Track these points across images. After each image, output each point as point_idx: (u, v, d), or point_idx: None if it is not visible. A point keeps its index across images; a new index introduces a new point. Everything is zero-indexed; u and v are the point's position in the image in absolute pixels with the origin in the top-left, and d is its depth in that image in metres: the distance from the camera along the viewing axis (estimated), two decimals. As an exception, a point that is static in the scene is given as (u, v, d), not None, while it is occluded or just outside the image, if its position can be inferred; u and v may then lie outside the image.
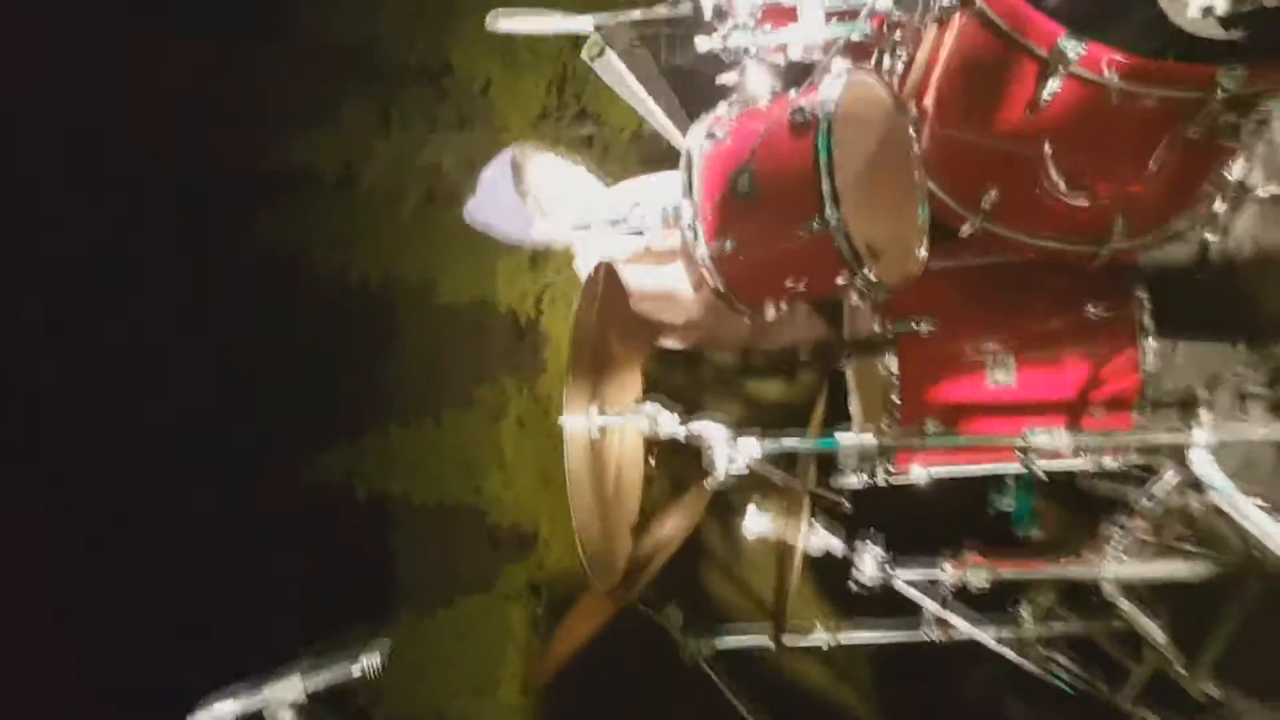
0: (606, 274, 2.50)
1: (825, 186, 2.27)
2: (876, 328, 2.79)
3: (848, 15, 2.52)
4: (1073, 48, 2.07)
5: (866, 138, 2.54)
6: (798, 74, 2.64)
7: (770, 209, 2.38)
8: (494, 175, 3.25)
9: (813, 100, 2.36)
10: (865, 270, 2.34)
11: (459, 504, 5.64)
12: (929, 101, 2.55)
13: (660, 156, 3.45)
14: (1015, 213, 2.57)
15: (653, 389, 2.70)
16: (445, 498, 5.68)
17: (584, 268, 3.36)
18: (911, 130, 2.56)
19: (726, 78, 2.58)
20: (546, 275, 5.38)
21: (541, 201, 3.17)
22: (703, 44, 2.51)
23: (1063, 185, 2.37)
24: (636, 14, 3.45)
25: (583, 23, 3.52)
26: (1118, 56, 2.08)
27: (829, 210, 2.27)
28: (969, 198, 2.60)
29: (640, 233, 2.57)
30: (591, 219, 2.49)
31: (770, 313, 2.57)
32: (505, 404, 5.63)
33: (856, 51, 2.58)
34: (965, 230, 2.62)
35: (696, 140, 2.52)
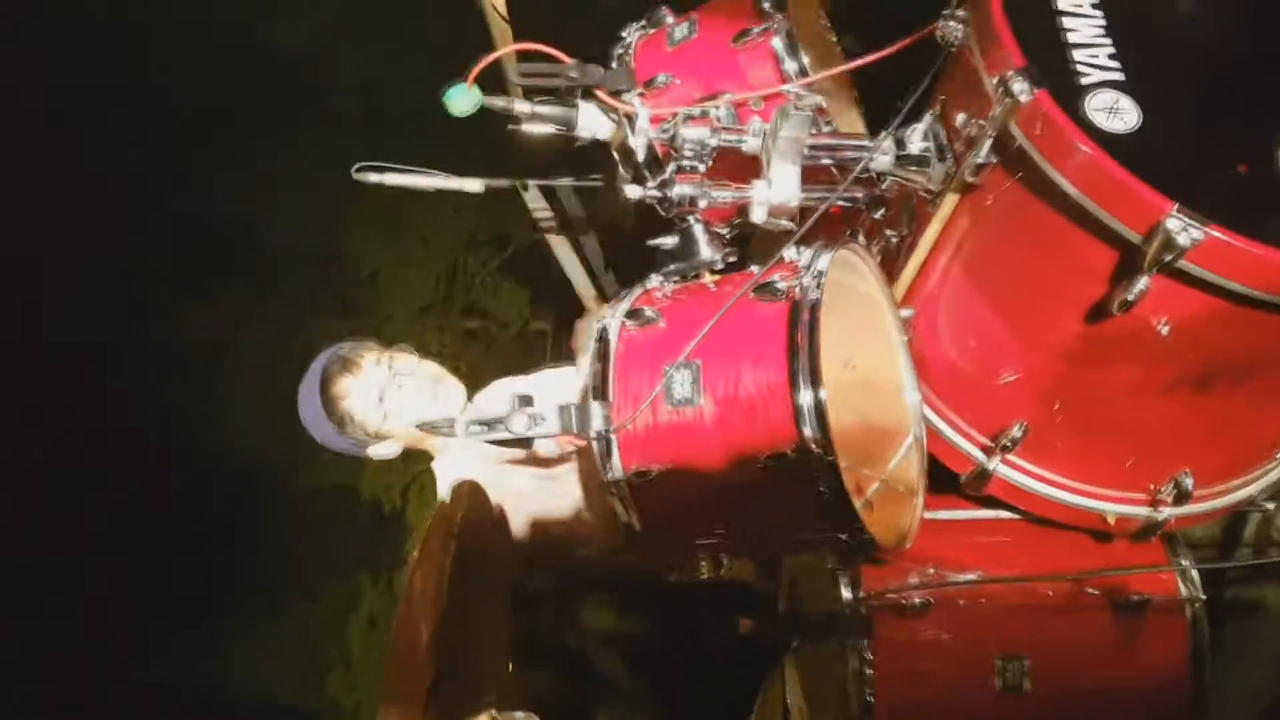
0: (468, 509, 1.69)
1: (805, 400, 1.53)
2: (845, 596, 2.01)
3: (828, 173, 1.86)
4: (1188, 229, 1.40)
5: (847, 337, 1.84)
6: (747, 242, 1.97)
7: (720, 426, 1.62)
8: (306, 397, 2.47)
9: (789, 278, 1.65)
10: (855, 525, 1.58)
11: (295, 707, 5.27)
12: (933, 294, 1.88)
13: (551, 356, 2.95)
14: (1045, 454, 1.88)
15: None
16: (280, 699, 5.28)
17: (443, 481, 2.56)
18: (904, 332, 1.88)
19: (661, 241, 1.87)
20: (417, 464, 4.96)
21: (367, 415, 2.43)
22: (632, 192, 1.80)
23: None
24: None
25: (471, 184, 2.90)
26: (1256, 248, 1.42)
27: (809, 432, 1.52)
28: (985, 427, 1.90)
29: (521, 442, 1.76)
30: (457, 424, 1.68)
31: (701, 568, 1.79)
32: (358, 599, 5.34)
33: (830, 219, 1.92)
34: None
35: (614, 320, 1.77)
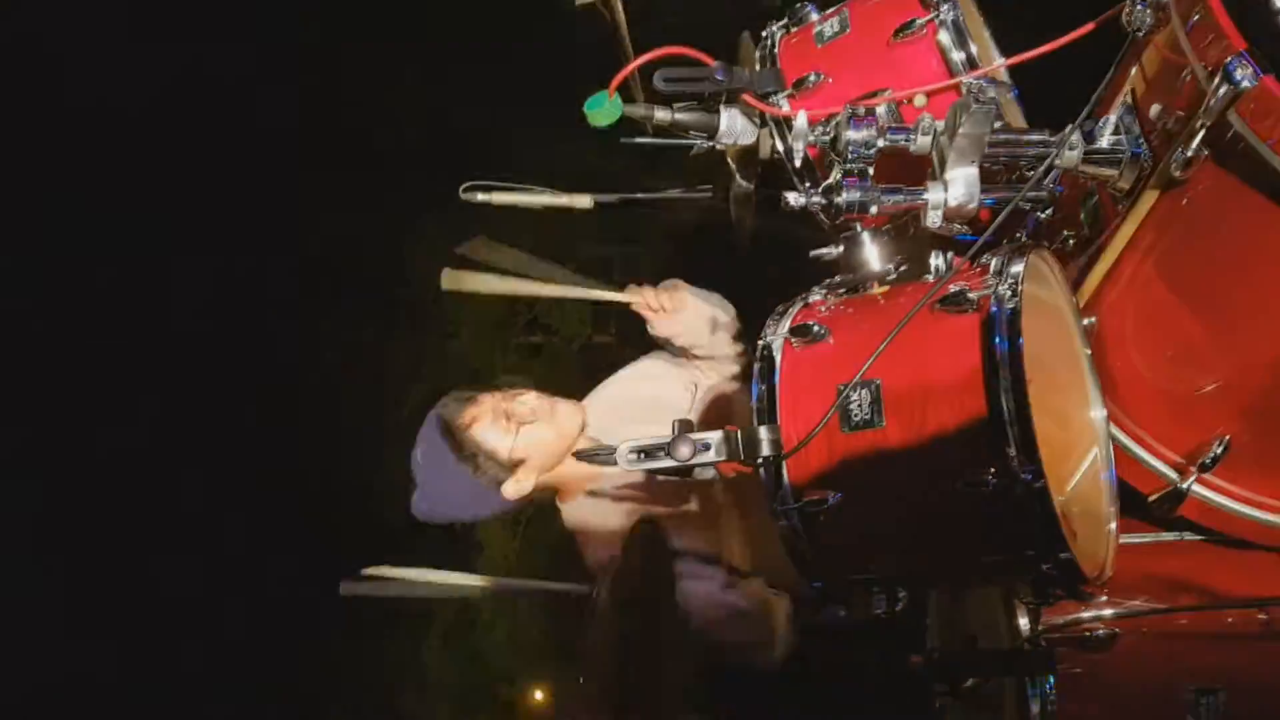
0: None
1: (1008, 419, 1.40)
2: (1023, 628, 1.86)
3: (1006, 172, 1.72)
4: None
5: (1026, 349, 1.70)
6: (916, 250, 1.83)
7: (905, 450, 1.49)
8: (426, 452, 2.40)
9: (977, 286, 1.51)
10: (1061, 552, 1.44)
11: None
12: (1121, 300, 1.73)
13: (611, 367, 2.90)
14: (1248, 472, 1.72)
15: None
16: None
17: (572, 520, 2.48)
18: (1088, 343, 1.73)
19: (823, 251, 1.75)
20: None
21: (499, 441, 2.37)
22: (794, 200, 1.67)
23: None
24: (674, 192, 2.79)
25: (579, 199, 2.82)
26: None
27: (1013, 455, 1.39)
28: (1179, 443, 1.75)
29: (682, 470, 1.64)
30: (618, 453, 1.57)
31: (876, 604, 1.66)
32: (430, 619, 5.44)
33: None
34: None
35: (777, 337, 1.65)
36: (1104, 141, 1.63)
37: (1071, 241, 1.82)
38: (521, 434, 2.34)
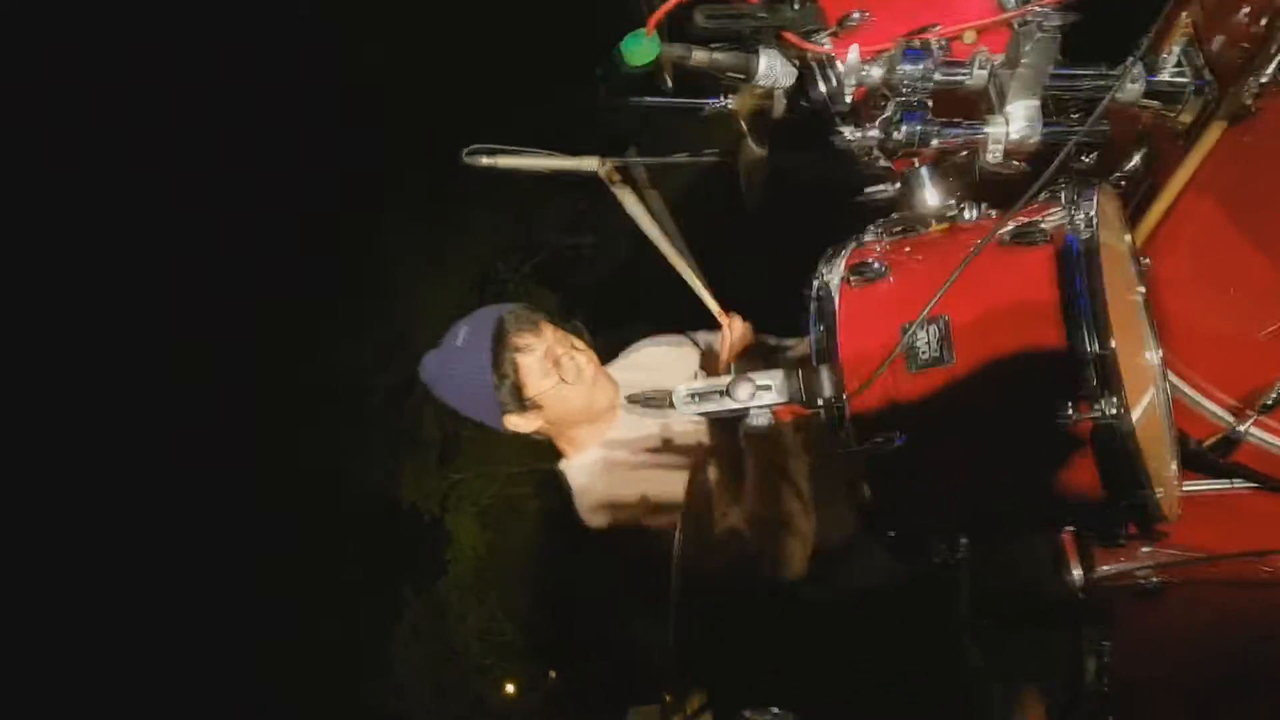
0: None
1: (1089, 353, 1.35)
2: (1075, 578, 1.81)
3: (1067, 108, 1.67)
4: None
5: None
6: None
7: (978, 388, 1.44)
8: (469, 337, 2.33)
9: (1049, 218, 1.47)
10: (1142, 489, 1.40)
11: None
12: (1180, 239, 1.69)
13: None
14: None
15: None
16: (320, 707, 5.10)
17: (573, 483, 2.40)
18: (1143, 283, 1.69)
19: (877, 190, 1.69)
20: (454, 473, 5.08)
21: (536, 379, 2.30)
22: (850, 134, 1.61)
23: None
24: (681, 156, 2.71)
25: (587, 162, 2.73)
26: None
27: (1097, 390, 1.34)
28: (1235, 386, 1.71)
29: (738, 415, 1.58)
30: (675, 395, 1.50)
31: (936, 552, 1.61)
32: (400, 609, 5.35)
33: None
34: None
35: (833, 276, 1.60)
36: (1165, 74, 1.59)
37: (1122, 182, 1.77)
38: (556, 387, 2.27)
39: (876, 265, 1.55)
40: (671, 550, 2.31)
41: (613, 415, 2.50)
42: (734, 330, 2.48)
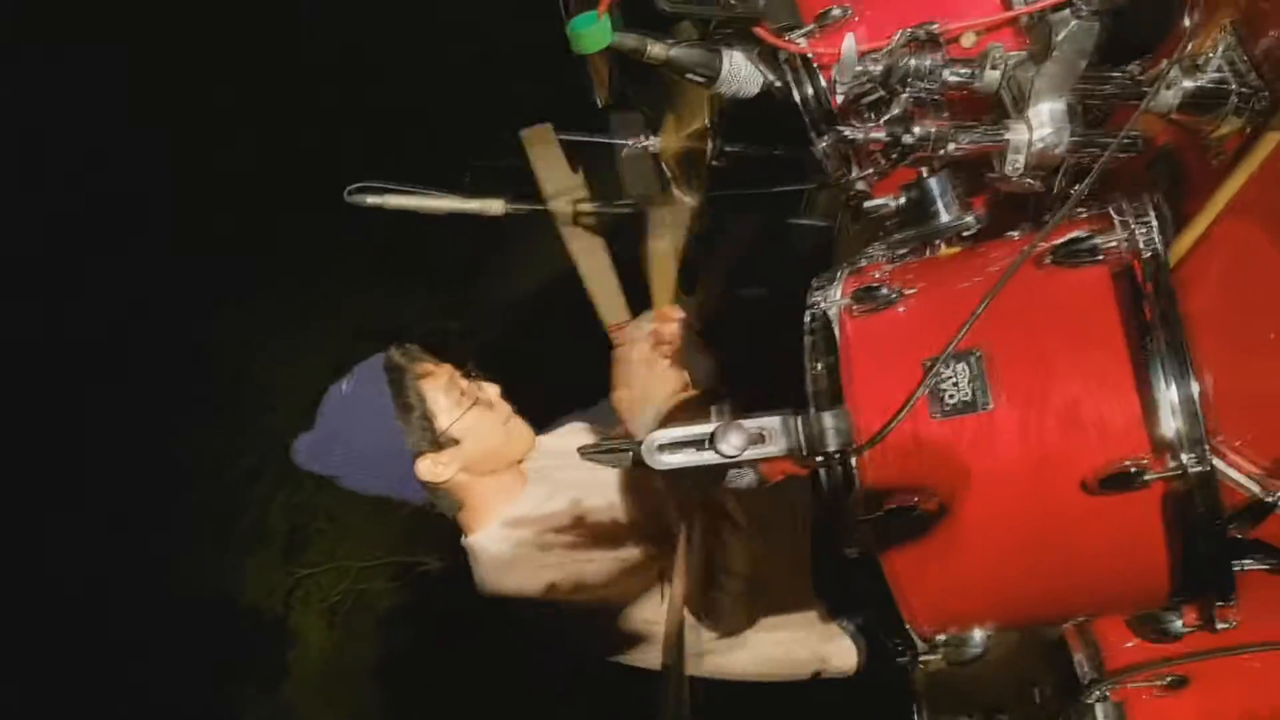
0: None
1: (1166, 394, 1.10)
2: (1086, 673, 1.53)
3: (1093, 114, 1.43)
4: None
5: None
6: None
7: (1024, 438, 1.16)
8: (357, 386, 2.01)
9: (1102, 234, 1.21)
10: (1227, 577, 1.14)
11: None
12: (1212, 271, 1.46)
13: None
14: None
15: None
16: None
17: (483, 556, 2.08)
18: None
19: (882, 202, 1.42)
20: (301, 569, 4.90)
21: (443, 409, 2.03)
22: (853, 134, 1.34)
23: None
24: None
25: (492, 205, 2.46)
26: None
27: (1171, 437, 1.08)
28: (1265, 447, 1.47)
29: (722, 470, 1.26)
30: (646, 446, 1.18)
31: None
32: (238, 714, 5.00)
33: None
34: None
35: (832, 304, 1.31)
36: (1205, 79, 1.37)
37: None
38: (470, 414, 1.95)
39: (885, 290, 1.27)
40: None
41: (519, 483, 2.18)
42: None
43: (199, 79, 4.76)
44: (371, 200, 2.19)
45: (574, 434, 2.41)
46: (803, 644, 2.18)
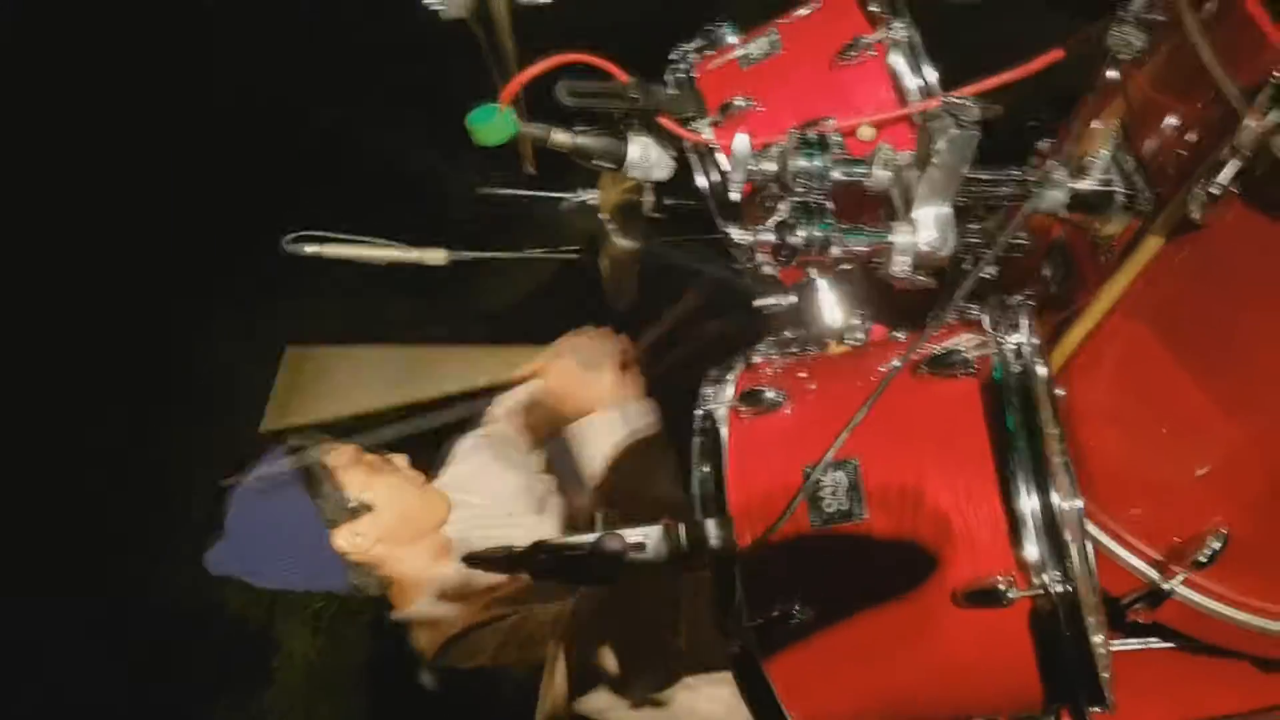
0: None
1: (1027, 508, 1.11)
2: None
3: (974, 214, 1.46)
4: None
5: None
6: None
7: (899, 550, 1.17)
8: (258, 479, 2.01)
9: (969, 343, 1.23)
10: (1097, 679, 1.15)
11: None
12: (1102, 367, 1.48)
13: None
14: (1246, 572, 1.48)
15: None
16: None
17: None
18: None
19: (770, 301, 1.44)
20: None
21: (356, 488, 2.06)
22: (737, 236, 1.36)
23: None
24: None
25: (432, 255, 2.44)
26: None
27: (1032, 556, 1.10)
28: (1161, 536, 1.50)
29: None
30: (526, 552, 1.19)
31: None
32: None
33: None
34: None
35: (720, 404, 1.32)
36: (1092, 180, 1.40)
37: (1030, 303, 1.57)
38: (380, 478, 1.97)
39: (771, 394, 1.28)
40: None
41: (444, 553, 2.17)
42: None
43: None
44: (309, 250, 2.20)
45: (476, 454, 2.40)
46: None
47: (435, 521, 2.14)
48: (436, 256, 2.41)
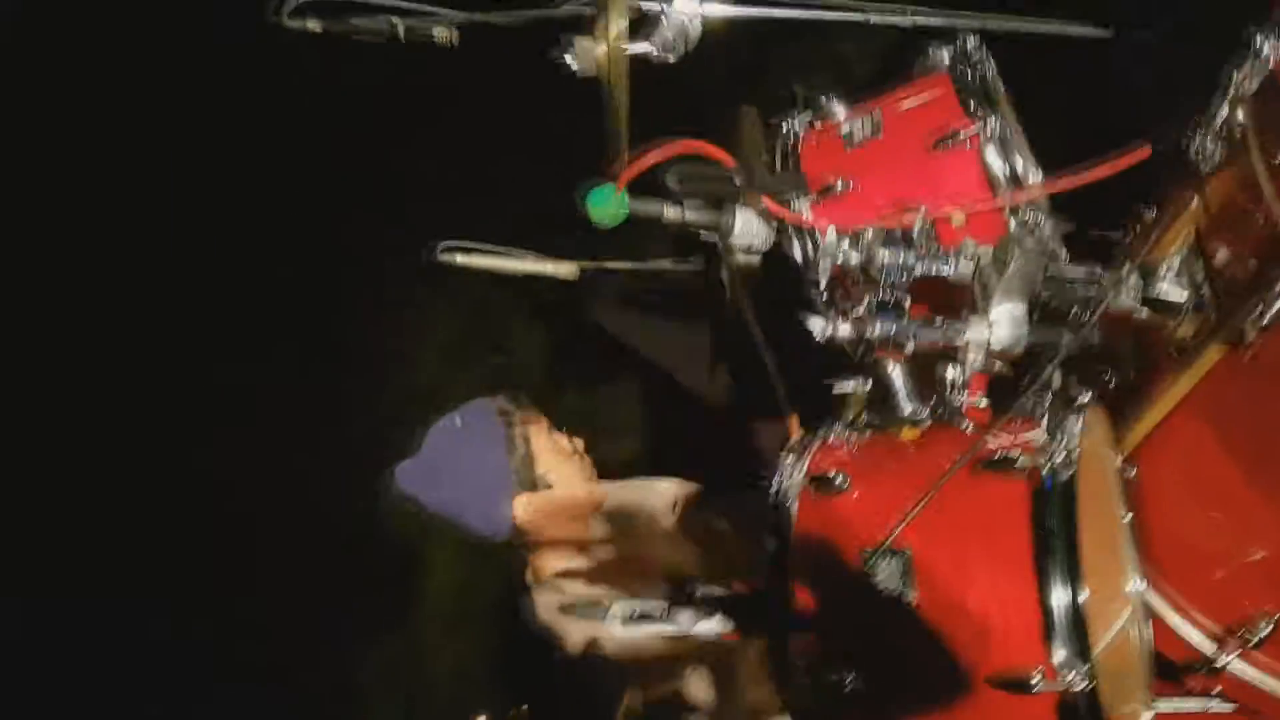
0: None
1: (1059, 610, 1.24)
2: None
3: (1056, 312, 1.55)
4: None
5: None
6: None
7: (941, 632, 1.31)
8: (468, 419, 2.22)
9: (1026, 446, 1.35)
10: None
11: None
12: (1166, 455, 1.56)
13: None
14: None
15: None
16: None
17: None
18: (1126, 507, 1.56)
19: (845, 384, 1.57)
20: None
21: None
22: (815, 326, 1.49)
23: None
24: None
25: (564, 267, 2.59)
26: None
27: (1060, 656, 1.22)
28: (1219, 612, 1.58)
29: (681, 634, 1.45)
30: (610, 617, 1.37)
31: None
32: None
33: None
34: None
35: (793, 482, 1.47)
36: (1163, 285, 1.47)
37: (1110, 385, 1.66)
38: (568, 463, 2.24)
39: (839, 479, 1.42)
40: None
41: (584, 539, 2.36)
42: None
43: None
44: (460, 259, 2.40)
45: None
46: None
47: (593, 506, 2.32)
48: (567, 269, 2.60)
